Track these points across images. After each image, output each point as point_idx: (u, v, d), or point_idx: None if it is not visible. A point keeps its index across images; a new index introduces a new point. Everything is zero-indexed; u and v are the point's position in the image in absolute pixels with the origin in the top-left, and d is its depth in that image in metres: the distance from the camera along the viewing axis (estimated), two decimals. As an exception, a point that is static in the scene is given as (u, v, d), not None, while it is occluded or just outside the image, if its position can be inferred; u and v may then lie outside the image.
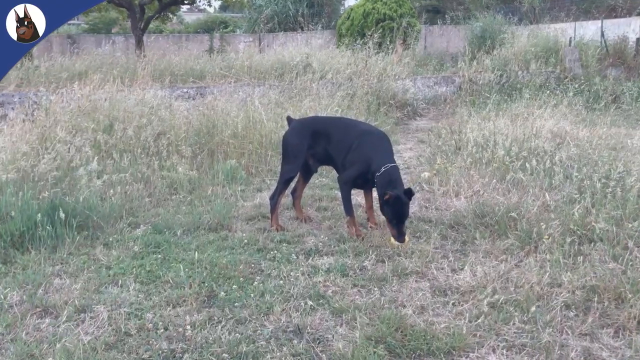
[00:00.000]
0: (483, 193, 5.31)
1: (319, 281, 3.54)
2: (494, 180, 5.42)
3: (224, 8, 40.43)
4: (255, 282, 3.53)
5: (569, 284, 3.30)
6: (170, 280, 3.60)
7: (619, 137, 7.70)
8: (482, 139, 6.93)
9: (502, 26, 16.75)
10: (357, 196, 5.26)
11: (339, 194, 5.52)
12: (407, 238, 4.17)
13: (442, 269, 3.73)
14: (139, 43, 14.74)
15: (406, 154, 7.83)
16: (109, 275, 3.70)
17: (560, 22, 19.07)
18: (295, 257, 3.95)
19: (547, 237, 3.89)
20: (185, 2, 17.05)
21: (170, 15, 18.98)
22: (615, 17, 20.48)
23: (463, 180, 5.62)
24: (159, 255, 4.01)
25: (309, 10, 23.96)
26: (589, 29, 19.41)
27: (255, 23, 24.24)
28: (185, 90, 11.08)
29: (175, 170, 5.99)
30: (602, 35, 17.99)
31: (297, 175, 4.69)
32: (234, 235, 4.41)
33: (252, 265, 3.83)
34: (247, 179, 6.19)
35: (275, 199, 4.61)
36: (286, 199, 5.12)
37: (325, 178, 6.34)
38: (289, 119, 4.81)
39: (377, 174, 4.18)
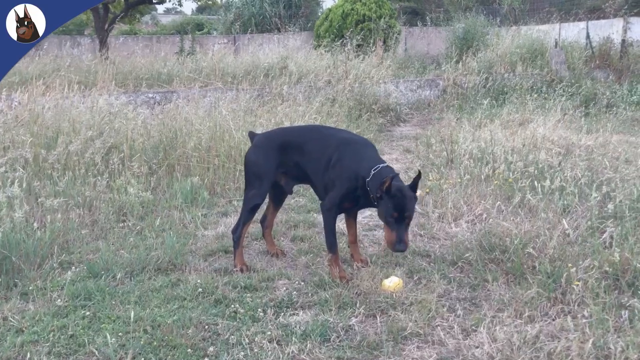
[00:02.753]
0: (486, 217, 4.53)
1: (292, 352, 2.69)
2: (498, 202, 4.64)
3: (201, 10, 39.53)
4: (207, 357, 2.67)
5: (621, 355, 2.51)
6: (96, 352, 2.73)
7: (625, 145, 7.00)
8: (478, 151, 6.17)
9: (484, 27, 16.13)
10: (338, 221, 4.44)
11: (319, 218, 4.72)
12: (399, 282, 3.36)
13: (451, 329, 2.91)
14: (103, 44, 13.74)
15: (392, 166, 7.01)
16: (15, 345, 2.80)
17: (544, 24, 18.55)
18: (262, 312, 3.10)
19: (577, 282, 3.10)
20: (154, 1, 16.06)
21: (138, 16, 17.94)
22: (598, 18, 20.05)
23: (462, 201, 4.83)
24: (88, 312, 3.13)
25: (286, 12, 23.22)
26: (571, 31, 18.96)
27: (232, 25, 23.47)
28: (150, 95, 10.17)
29: (125, 191, 5.10)
30: (588, 36, 17.50)
31: (263, 201, 3.84)
32: (188, 279, 3.54)
33: (206, 326, 2.97)
34: (210, 201, 5.33)
35: (238, 232, 3.75)
36: (255, 225, 4.29)
37: (302, 197, 5.51)
38: (251, 135, 3.96)
39: (368, 179, 3.37)
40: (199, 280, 3.42)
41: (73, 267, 3.74)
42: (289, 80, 10.12)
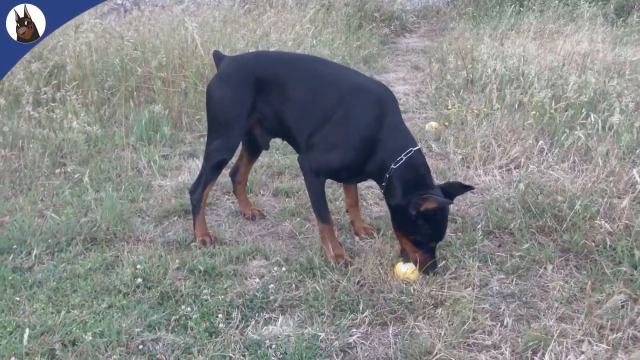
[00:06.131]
0: (525, 162, 3.54)
1: (262, 403, 1.79)
2: (540, 142, 3.63)
3: None
4: (129, 416, 1.76)
5: None
6: (-30, 395, 1.82)
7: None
8: (506, 70, 5.06)
9: None
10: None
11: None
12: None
13: (497, 350, 1.99)
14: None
15: (399, 88, 5.92)
16: None
17: None
18: (224, 321, 2.16)
19: (677, 277, 2.16)
20: None
21: None
22: None
23: (492, 138, 3.81)
24: (-24, 317, 2.20)
25: None
26: None
27: None
28: (119, 1, 8.81)
29: (69, 126, 4.03)
30: None
31: (232, 156, 2.80)
32: (128, 258, 2.58)
33: (141, 346, 2.04)
34: (174, 136, 4.28)
35: (198, 193, 2.75)
36: (225, 175, 3.29)
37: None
38: (216, 56, 2.84)
39: (394, 165, 2.37)
40: (139, 266, 2.46)
41: (-26, 240, 2.77)
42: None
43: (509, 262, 2.53)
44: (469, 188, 2.48)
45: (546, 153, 3.58)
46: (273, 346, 2.00)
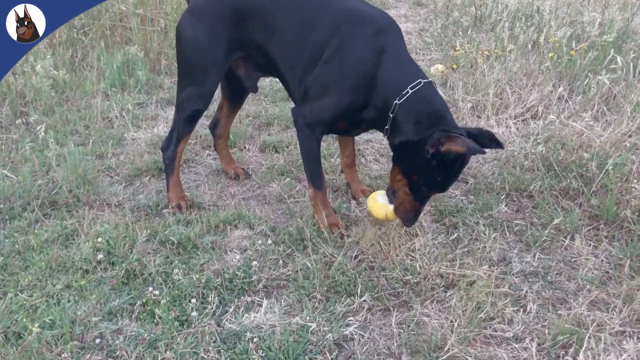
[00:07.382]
0: (543, 112, 3.15)
1: (239, 418, 1.49)
2: (560, 89, 3.23)
3: None
4: None
5: None
6: None
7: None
8: (519, 6, 4.58)
9: None
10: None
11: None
12: None
13: (520, 343, 1.68)
14: None
15: (401, 26, 5.40)
16: None
17: None
18: (198, 307, 1.83)
19: None
20: None
21: None
22: None
23: (505, 84, 3.40)
24: None
25: None
26: None
27: None
28: None
29: (32, 69, 3.60)
30: None
31: (208, 106, 2.41)
32: (91, 227, 2.23)
33: (98, 340, 1.72)
34: (151, 81, 3.85)
35: (171, 150, 2.38)
36: (204, 125, 2.90)
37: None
38: (187, -13, 2.41)
39: (398, 101, 1.97)
40: (100, 239, 2.11)
41: None
42: None
43: (529, 232, 2.20)
44: (499, 145, 2.05)
45: (566, 100, 3.20)
46: (255, 339, 1.69)
